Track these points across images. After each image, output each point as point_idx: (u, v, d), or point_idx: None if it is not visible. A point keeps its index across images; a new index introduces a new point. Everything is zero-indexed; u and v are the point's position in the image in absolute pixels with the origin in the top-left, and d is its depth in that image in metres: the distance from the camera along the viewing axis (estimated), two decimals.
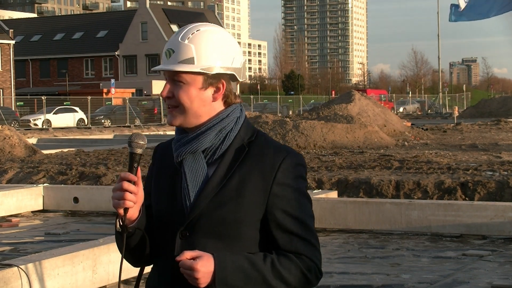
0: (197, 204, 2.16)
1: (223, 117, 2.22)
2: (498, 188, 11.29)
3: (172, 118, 2.23)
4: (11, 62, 56.70)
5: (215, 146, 2.21)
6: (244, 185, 2.16)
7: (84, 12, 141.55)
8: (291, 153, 2.22)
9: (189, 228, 2.18)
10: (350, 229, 9.85)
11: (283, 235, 2.17)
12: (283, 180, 2.17)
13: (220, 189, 2.16)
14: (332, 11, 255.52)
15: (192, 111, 2.20)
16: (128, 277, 7.31)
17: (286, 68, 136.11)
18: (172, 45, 2.21)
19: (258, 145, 2.22)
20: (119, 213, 2.15)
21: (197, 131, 2.21)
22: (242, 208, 2.15)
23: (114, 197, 2.13)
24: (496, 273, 7.49)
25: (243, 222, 2.16)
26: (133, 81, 67.81)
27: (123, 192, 2.12)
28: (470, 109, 57.30)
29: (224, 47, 2.22)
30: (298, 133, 20.55)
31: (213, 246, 2.14)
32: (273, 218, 2.17)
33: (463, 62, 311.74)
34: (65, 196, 12.20)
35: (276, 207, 2.17)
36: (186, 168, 2.21)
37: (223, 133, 2.21)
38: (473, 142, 22.19)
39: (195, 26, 2.23)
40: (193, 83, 2.20)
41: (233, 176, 2.17)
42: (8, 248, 9.16)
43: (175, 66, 2.19)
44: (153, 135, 35.58)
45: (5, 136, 19.43)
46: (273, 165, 2.17)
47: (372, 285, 7.06)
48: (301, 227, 2.18)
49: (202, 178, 2.19)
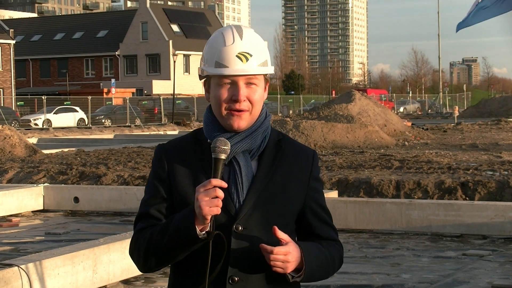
0: (248, 199, 2.27)
1: (264, 118, 2.37)
2: (498, 188, 11.29)
3: (242, 121, 2.30)
4: (12, 62, 56.64)
5: (258, 144, 2.33)
6: (288, 180, 2.33)
7: (85, 12, 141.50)
8: (315, 151, 2.48)
9: (243, 223, 2.26)
10: (350, 228, 9.85)
11: (321, 224, 2.41)
12: (316, 174, 2.41)
13: (266, 185, 2.30)
14: (332, 11, 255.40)
15: (255, 113, 2.33)
16: (128, 277, 7.31)
17: (286, 68, 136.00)
18: (247, 48, 2.28)
19: (286, 143, 2.40)
20: (207, 220, 2.16)
21: (248, 130, 2.32)
22: (289, 201, 2.33)
23: (208, 204, 2.13)
24: (496, 273, 7.49)
25: (289, 214, 2.34)
26: (134, 81, 67.78)
27: (217, 199, 2.14)
28: (470, 109, 57.26)
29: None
30: (299, 133, 20.54)
31: (267, 237, 2.25)
32: (311, 209, 2.38)
33: (463, 62, 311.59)
34: (66, 196, 12.20)
35: (313, 199, 2.39)
36: (241, 165, 2.30)
37: (266, 132, 2.36)
38: (473, 142, 22.18)
39: (248, 29, 2.34)
40: (259, 85, 2.33)
41: (276, 172, 2.33)
42: (9, 248, 9.16)
43: (258, 70, 2.30)
44: (153, 135, 35.61)
45: (5, 136, 19.43)
46: (307, 161, 2.39)
47: (372, 285, 7.06)
48: (329, 217, 2.45)
49: (252, 174, 2.31)
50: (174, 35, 70.17)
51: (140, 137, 30.88)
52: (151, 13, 70.24)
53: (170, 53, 67.33)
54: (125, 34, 71.02)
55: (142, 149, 20.15)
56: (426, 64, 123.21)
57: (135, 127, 42.29)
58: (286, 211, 2.33)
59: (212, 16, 77.94)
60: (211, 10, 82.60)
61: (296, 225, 2.39)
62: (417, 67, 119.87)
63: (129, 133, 37.36)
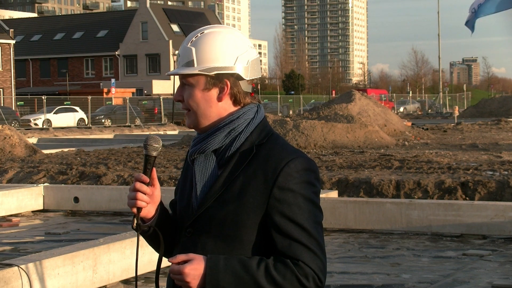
0: (202, 203, 2.21)
1: (233, 118, 2.24)
2: (498, 187, 11.29)
3: (187, 120, 2.31)
4: (12, 61, 56.64)
5: (225, 147, 2.23)
6: (246, 187, 2.16)
7: (84, 11, 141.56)
8: (298, 157, 2.18)
9: (193, 226, 2.23)
10: (350, 228, 9.86)
11: (282, 239, 2.13)
12: (285, 184, 2.14)
13: (224, 190, 2.18)
14: (332, 11, 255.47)
15: (199, 112, 2.25)
16: (128, 277, 7.32)
17: (286, 68, 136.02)
18: (180, 49, 2.29)
19: (266, 148, 2.21)
20: (133, 212, 2.24)
21: (208, 132, 2.26)
22: (243, 210, 2.15)
23: (128, 197, 2.23)
24: (496, 273, 7.49)
25: (243, 224, 2.15)
26: (134, 81, 67.78)
27: (136, 192, 2.21)
28: (470, 109, 57.24)
29: (225, 47, 2.23)
30: (299, 133, 20.54)
31: (213, 246, 2.18)
32: (272, 221, 2.14)
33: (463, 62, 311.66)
34: (66, 196, 12.20)
35: (276, 210, 2.14)
36: (196, 168, 2.26)
37: (232, 134, 2.22)
38: (473, 141, 22.18)
39: (200, 29, 2.28)
40: (196, 85, 2.25)
41: (237, 177, 2.18)
42: (9, 248, 9.17)
43: (180, 70, 2.26)
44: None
45: (5, 135, 19.43)
46: (275, 168, 2.15)
47: (372, 284, 7.06)
48: (302, 233, 2.13)
49: (211, 178, 2.23)
50: (174, 35, 70.20)
51: (140, 137, 30.89)
52: (151, 13, 70.27)
53: (170, 53, 67.39)
54: (125, 34, 71.04)
55: (142, 149, 20.08)
56: (426, 64, 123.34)
57: (135, 127, 42.29)
58: (239, 221, 2.15)
59: (212, 16, 77.96)
60: (211, 10, 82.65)
61: (268, 241, 2.17)
62: (417, 67, 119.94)
63: (129, 133, 37.36)
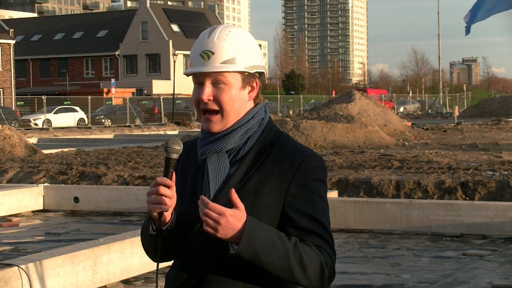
0: (216, 201, 2.15)
1: (249, 118, 2.24)
2: (498, 187, 11.29)
3: (211, 124, 2.23)
4: (11, 61, 56.63)
5: (239, 146, 2.22)
6: (261, 186, 2.17)
7: (84, 11, 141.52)
8: (311, 155, 2.21)
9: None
10: (350, 228, 9.85)
11: (299, 232, 2.14)
12: (301, 181, 2.17)
13: (238, 189, 2.15)
14: (332, 11, 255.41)
15: (233, 113, 2.22)
16: (129, 277, 7.31)
17: (286, 68, 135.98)
18: (210, 46, 2.20)
19: (279, 147, 2.22)
20: (154, 217, 2.17)
21: (223, 131, 2.23)
22: (258, 208, 2.15)
23: (150, 201, 2.14)
24: (496, 273, 7.49)
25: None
26: (134, 81, 67.79)
27: (160, 196, 2.12)
28: (470, 109, 57.24)
29: (256, 46, 2.26)
30: (299, 133, 20.54)
31: (224, 247, 2.14)
32: (288, 217, 2.16)
33: (463, 62, 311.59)
34: (66, 196, 12.20)
35: (292, 206, 2.16)
36: (209, 166, 2.23)
37: (248, 134, 2.23)
38: (473, 141, 22.17)
39: (225, 27, 2.24)
40: (234, 84, 2.21)
41: (252, 177, 2.18)
42: (8, 248, 9.16)
43: (219, 67, 2.19)
44: (153, 135, 35.57)
45: (5, 135, 19.43)
46: (291, 166, 2.17)
47: (372, 284, 7.06)
48: (319, 227, 2.16)
49: (224, 176, 2.21)
50: (174, 35, 70.19)
51: (140, 137, 30.88)
52: (151, 13, 70.26)
53: (170, 53, 67.34)
54: (125, 34, 71.04)
55: (142, 149, 20.15)
56: (426, 64, 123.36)
57: (135, 127, 42.28)
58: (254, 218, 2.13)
59: (212, 16, 77.94)
60: (211, 10, 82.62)
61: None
62: (417, 67, 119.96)
63: (129, 133, 37.35)
